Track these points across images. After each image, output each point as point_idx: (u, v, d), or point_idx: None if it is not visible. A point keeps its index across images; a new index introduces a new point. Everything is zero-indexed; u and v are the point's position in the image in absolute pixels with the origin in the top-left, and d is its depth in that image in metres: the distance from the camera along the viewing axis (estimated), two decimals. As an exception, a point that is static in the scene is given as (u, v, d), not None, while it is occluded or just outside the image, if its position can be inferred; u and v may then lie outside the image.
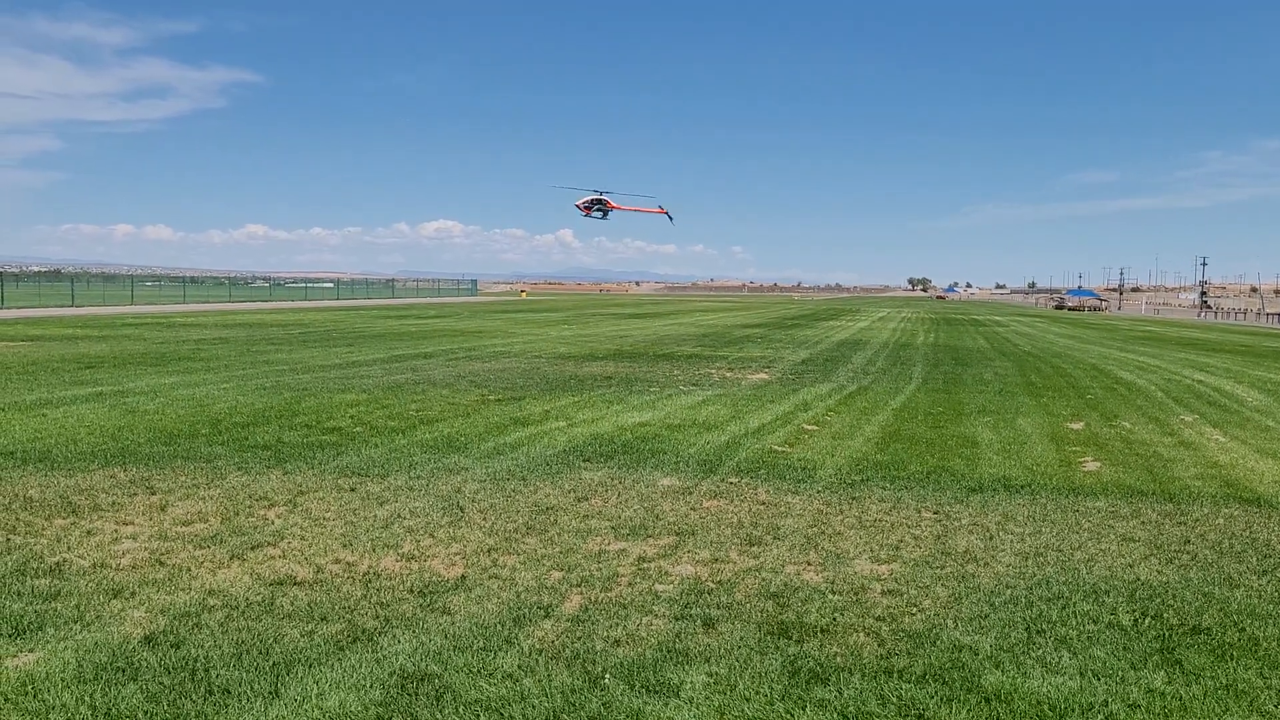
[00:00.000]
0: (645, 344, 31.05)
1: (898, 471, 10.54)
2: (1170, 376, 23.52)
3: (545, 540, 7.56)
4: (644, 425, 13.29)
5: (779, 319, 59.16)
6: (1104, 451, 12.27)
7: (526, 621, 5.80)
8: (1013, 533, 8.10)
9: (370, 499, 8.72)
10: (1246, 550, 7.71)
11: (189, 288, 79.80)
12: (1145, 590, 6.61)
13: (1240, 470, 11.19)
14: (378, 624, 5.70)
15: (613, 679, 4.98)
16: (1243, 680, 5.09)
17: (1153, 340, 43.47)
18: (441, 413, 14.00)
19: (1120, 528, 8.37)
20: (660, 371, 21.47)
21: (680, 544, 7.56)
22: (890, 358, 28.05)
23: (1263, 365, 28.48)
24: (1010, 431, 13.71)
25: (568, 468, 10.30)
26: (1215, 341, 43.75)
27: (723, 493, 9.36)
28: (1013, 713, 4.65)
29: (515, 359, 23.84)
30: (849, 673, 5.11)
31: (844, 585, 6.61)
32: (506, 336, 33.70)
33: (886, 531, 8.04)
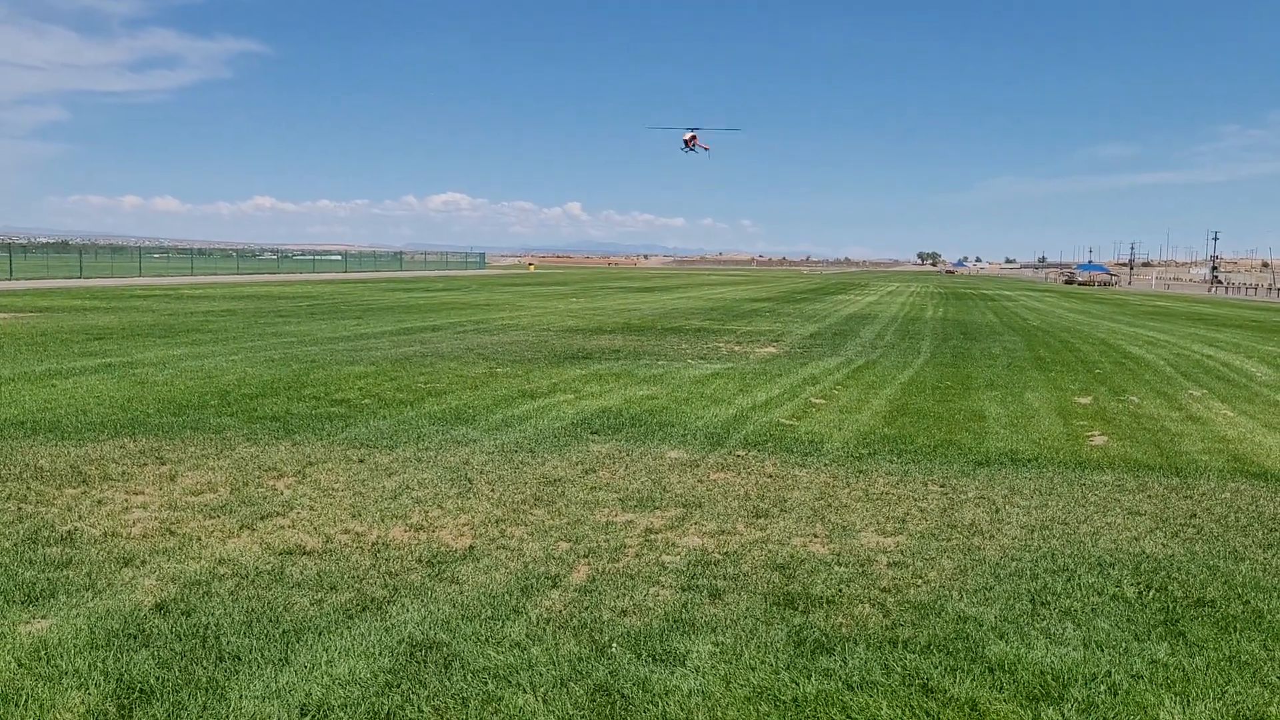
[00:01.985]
0: (653, 317, 31.04)
1: (905, 445, 10.55)
2: (1179, 351, 23.44)
3: (553, 511, 7.60)
4: (652, 398, 13.31)
5: (788, 293, 59.05)
6: (1111, 426, 12.26)
7: (534, 591, 5.84)
8: (1019, 506, 8.12)
9: (379, 470, 8.77)
10: (1252, 524, 7.71)
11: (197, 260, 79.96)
12: (1150, 563, 6.62)
13: (1248, 445, 11.18)
14: (386, 593, 5.74)
15: (619, 648, 5.02)
16: (1246, 652, 5.11)
17: (1162, 315, 43.29)
18: (449, 385, 14.04)
19: (1126, 501, 8.38)
20: (668, 345, 21.47)
21: (687, 516, 7.59)
22: (898, 332, 28.01)
23: (1272, 340, 28.37)
24: (1018, 406, 13.70)
25: (575, 440, 10.34)
26: (1225, 317, 43.56)
27: (730, 465, 9.39)
28: (1015, 682, 4.68)
29: (523, 332, 23.86)
30: (854, 643, 5.14)
31: (850, 557, 6.63)
32: (514, 310, 33.72)
33: (893, 504, 8.06)
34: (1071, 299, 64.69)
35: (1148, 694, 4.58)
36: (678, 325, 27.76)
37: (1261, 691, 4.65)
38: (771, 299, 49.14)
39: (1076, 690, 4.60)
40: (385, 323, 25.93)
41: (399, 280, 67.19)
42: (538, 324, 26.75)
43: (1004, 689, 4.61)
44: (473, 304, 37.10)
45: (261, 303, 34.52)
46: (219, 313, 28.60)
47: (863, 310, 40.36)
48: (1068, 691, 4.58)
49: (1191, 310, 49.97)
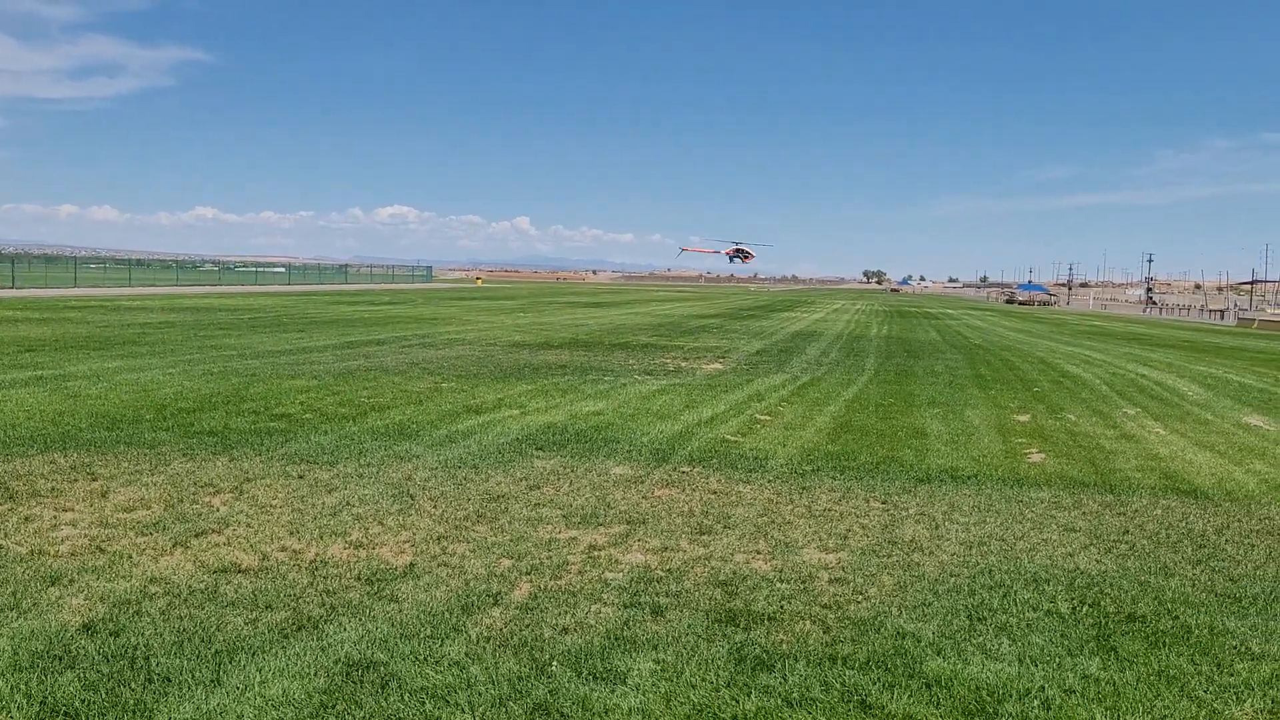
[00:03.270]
0: (601, 333, 31.04)
1: (848, 462, 10.65)
2: (1115, 370, 23.97)
3: (496, 528, 7.54)
4: (598, 414, 13.29)
5: (735, 309, 59.41)
6: (1049, 443, 12.49)
7: (475, 609, 5.78)
8: (958, 522, 8.23)
9: (319, 486, 8.64)
10: (1182, 540, 7.90)
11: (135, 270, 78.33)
12: (1084, 579, 6.75)
13: (1179, 463, 11.45)
14: (324, 612, 5.65)
15: (560, 666, 4.99)
16: (1174, 666, 5.22)
17: (1099, 335, 44.27)
18: (393, 400, 13.90)
19: (1062, 518, 8.53)
20: (615, 360, 21.48)
21: (631, 532, 7.58)
22: (844, 349, 28.31)
23: (1203, 360, 29.14)
24: (959, 423, 13.90)
25: (520, 456, 10.28)
26: (1159, 337, 44.67)
27: (675, 481, 9.40)
28: (952, 698, 4.73)
29: (469, 346, 23.72)
30: (794, 659, 5.16)
31: (792, 574, 6.67)
32: (461, 324, 33.51)
33: (835, 521, 8.13)
34: (1012, 318, 65.91)
35: (1079, 709, 4.66)
36: (625, 341, 27.79)
37: (1189, 705, 4.75)
38: (719, 315, 49.40)
39: (1011, 706, 4.66)
40: (329, 336, 25.61)
41: (344, 293, 66.44)
42: (484, 338, 26.60)
43: (940, 705, 4.66)
44: (419, 318, 36.79)
45: (201, 315, 33.91)
46: (157, 325, 28.03)
47: (809, 327, 40.74)
48: (1002, 707, 4.64)
49: (1127, 330, 51.17)
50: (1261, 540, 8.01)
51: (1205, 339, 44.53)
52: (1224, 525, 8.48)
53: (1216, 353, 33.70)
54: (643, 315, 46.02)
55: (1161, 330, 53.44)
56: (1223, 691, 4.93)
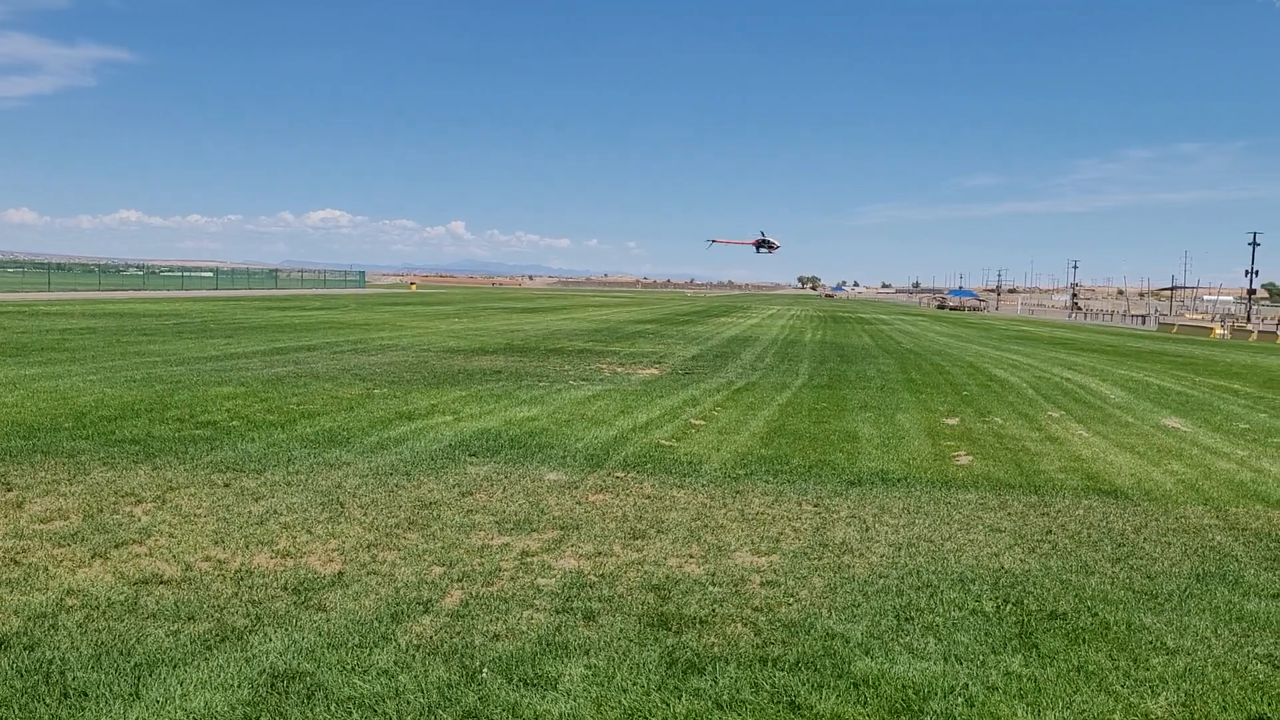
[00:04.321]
0: (536, 338, 30.92)
1: (781, 466, 10.74)
2: (1041, 374, 24.54)
3: (427, 535, 7.47)
4: (532, 420, 13.24)
5: (671, 315, 59.63)
6: (976, 446, 12.74)
7: (405, 617, 5.72)
8: (888, 524, 8.35)
9: (245, 495, 8.47)
10: (1102, 540, 8.11)
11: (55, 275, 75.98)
12: (1008, 578, 6.90)
13: (1100, 464, 11.76)
14: (248, 622, 5.54)
15: (490, 673, 4.96)
16: (1093, 662, 5.36)
17: (1026, 339, 45.30)
18: (324, 406, 13.68)
19: (988, 519, 8.71)
20: (551, 366, 21.41)
21: (564, 538, 7.56)
22: (778, 354, 28.57)
23: (1125, 364, 29.98)
24: (890, 427, 14.11)
25: (453, 462, 10.19)
26: (1083, 341, 45.86)
27: (609, 487, 9.40)
28: (879, 697, 4.80)
29: (403, 352, 23.46)
30: (725, 662, 5.19)
31: (724, 577, 6.71)
32: (394, 329, 33.12)
33: (768, 524, 8.19)
34: (943, 323, 67.14)
35: (1002, 705, 4.76)
36: (561, 346, 27.72)
37: (1106, 700, 4.88)
38: (655, 321, 49.54)
39: (936, 703, 4.74)
40: (257, 342, 25.13)
41: (274, 298, 65.27)
42: (418, 344, 26.33)
43: (868, 704, 4.73)
44: (351, 323, 36.29)
45: (124, 320, 33.04)
46: (77, 330, 27.24)
47: (744, 333, 41.03)
48: (927, 705, 4.72)
49: (1053, 335, 52.44)
50: (1177, 538, 8.26)
51: (1127, 343, 45.82)
52: (1142, 524, 8.73)
53: (1138, 357, 34.69)
54: (579, 321, 45.96)
55: (1086, 335, 54.87)
56: (1139, 686, 5.07)
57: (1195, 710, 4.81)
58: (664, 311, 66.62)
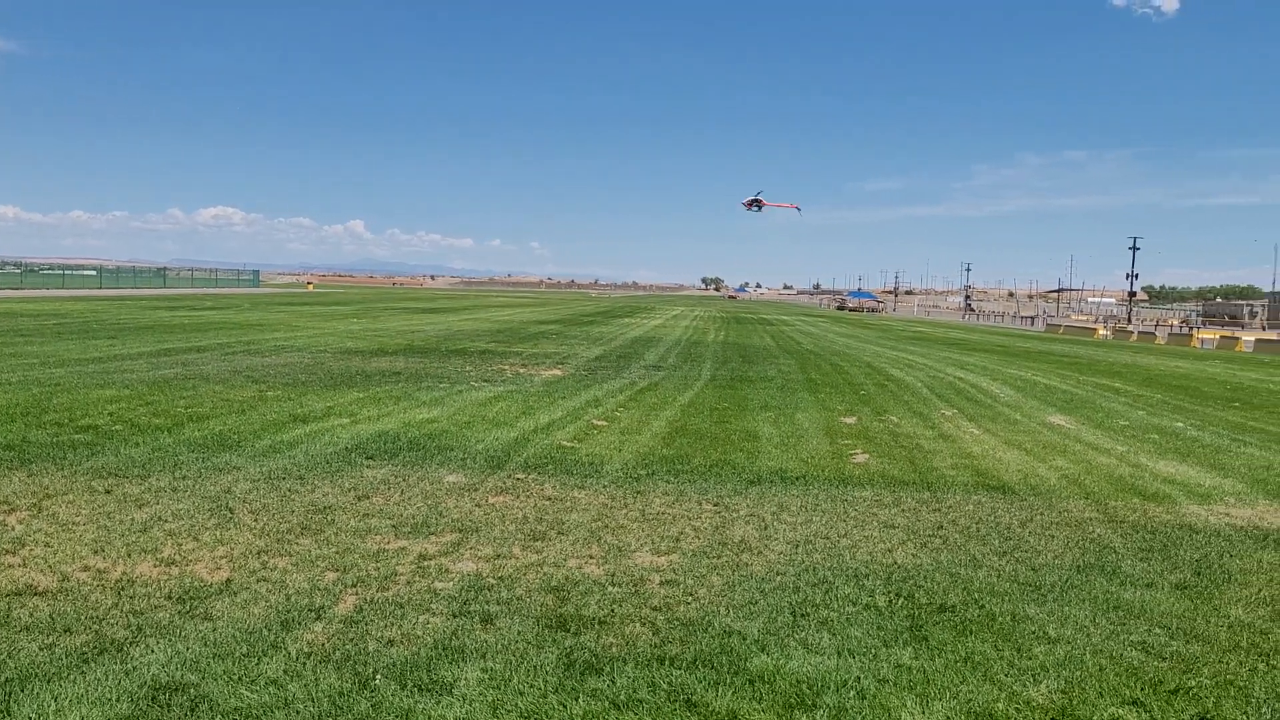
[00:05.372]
0: (437, 339, 30.52)
1: (682, 466, 10.81)
2: (935, 374, 25.23)
3: (321, 540, 7.29)
4: (432, 421, 13.05)
5: (575, 315, 59.52)
6: (873, 444, 13.02)
7: (295, 625, 5.57)
8: (786, 522, 8.47)
9: (128, 501, 8.14)
10: (990, 534, 8.37)
11: (-74, 273, 71.94)
12: (901, 573, 7.06)
13: (989, 460, 12.14)
14: (129, 634, 5.32)
15: (384, 679, 4.86)
16: (979, 653, 5.52)
17: (922, 340, 46.54)
18: (213, 409, 13.25)
19: (883, 515, 8.90)
20: (452, 367, 21.15)
21: (463, 541, 7.47)
22: (681, 355, 28.76)
23: (1015, 364, 31.03)
24: (789, 426, 14.33)
25: (349, 465, 9.98)
26: (976, 342, 47.34)
27: (509, 489, 9.32)
28: (774, 692, 4.86)
29: (298, 353, 22.89)
30: (623, 662, 5.19)
31: (624, 577, 6.71)
32: (290, 330, 32.31)
33: (668, 524, 8.23)
34: (842, 324, 68.53)
35: (892, 697, 4.86)
36: (462, 347, 27.41)
37: (991, 689, 5.03)
38: (559, 321, 49.39)
39: (829, 697, 4.82)
40: (144, 343, 24.22)
41: (162, 298, 63.01)
42: (314, 345, 25.72)
43: (763, 699, 4.78)
44: (244, 324, 35.26)
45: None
46: (-50, 331, 25.85)
47: (648, 333, 41.20)
48: (820, 699, 4.80)
49: (947, 336, 53.99)
50: (1060, 531, 8.58)
51: (1017, 344, 47.46)
52: (1028, 518, 9.04)
53: (1026, 356, 35.95)
54: (481, 321, 45.53)
55: (978, 336, 56.66)
56: (1021, 674, 5.25)
57: (1074, 696, 5.00)
58: (568, 312, 66.47)
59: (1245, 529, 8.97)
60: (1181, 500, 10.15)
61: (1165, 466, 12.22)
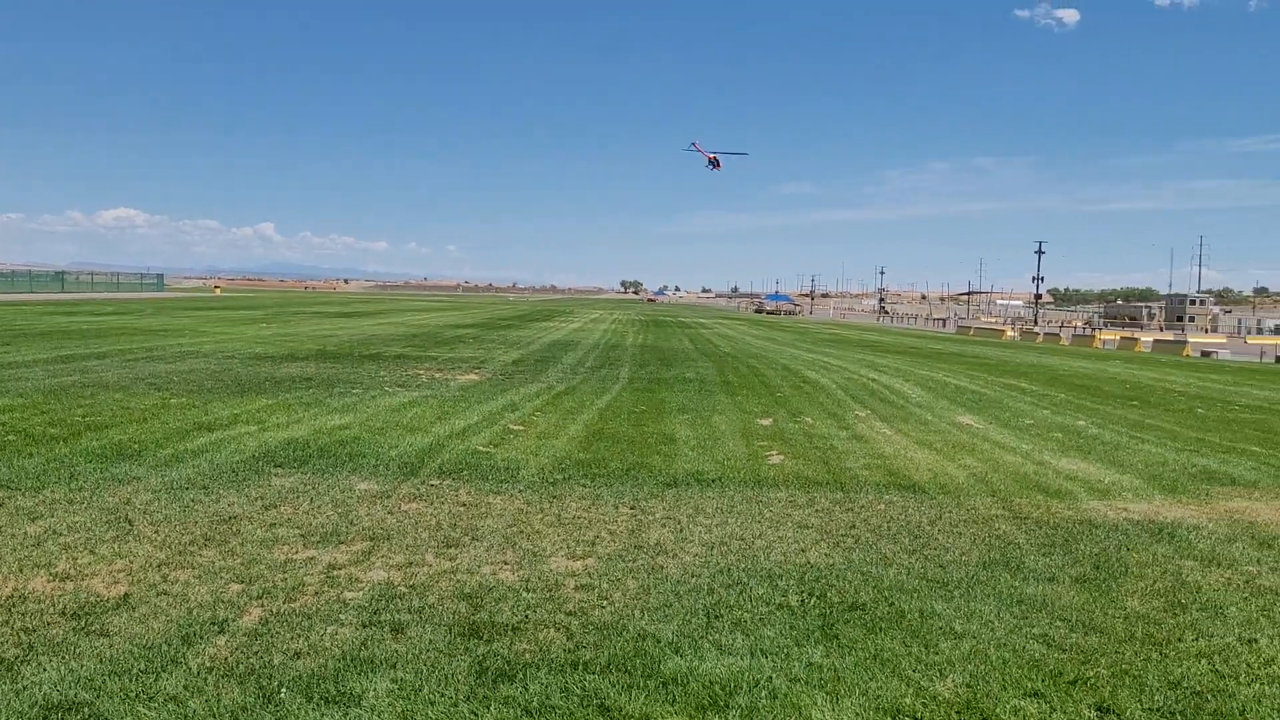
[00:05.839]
0: (351, 344, 29.99)
1: (599, 469, 10.79)
2: (850, 376, 25.66)
3: (225, 552, 7.09)
4: (343, 428, 12.81)
5: (493, 319, 59.07)
6: (788, 446, 13.18)
7: (197, 639, 5.40)
8: (702, 524, 8.51)
9: (20, 514, 7.81)
10: (901, 533, 8.53)
11: None
12: (814, 573, 7.15)
13: (901, 460, 12.38)
14: (20, 652, 5.10)
15: (290, 693, 4.74)
16: (888, 650, 5.62)
17: (837, 342, 47.30)
18: (113, 418, 12.80)
19: (797, 516, 9.01)
20: (365, 372, 20.80)
21: (374, 549, 7.34)
22: (600, 358, 28.74)
23: (926, 365, 31.73)
24: (706, 428, 14.41)
25: (256, 474, 9.73)
26: (889, 344, 48.30)
27: (423, 495, 9.19)
28: (687, 694, 4.87)
29: (205, 359, 22.26)
30: (536, 668, 5.15)
31: (539, 583, 6.66)
32: (196, 335, 31.42)
33: (584, 528, 8.20)
34: (760, 327, 69.30)
35: (803, 695, 4.92)
36: (376, 352, 26.98)
37: (899, 685, 5.12)
38: (476, 325, 48.96)
39: (741, 697, 4.85)
40: (39, 350, 23.30)
41: (60, 303, 60.72)
42: (222, 351, 25.05)
43: (676, 702, 4.79)
44: (147, 329, 34.18)
45: (-113, 326, 29.99)
46: None
47: (566, 337, 41.09)
48: (733, 699, 4.83)
49: (862, 338, 54.98)
50: (968, 529, 8.78)
51: (929, 345, 48.55)
52: (937, 516, 9.23)
53: (938, 358, 36.80)
54: (396, 326, 44.89)
55: (892, 338, 57.81)
56: (929, 669, 5.35)
57: (978, 690, 5.11)
58: (485, 316, 65.95)
59: (1141, 523, 9.30)
60: (1082, 496, 10.48)
61: (1067, 464, 12.61)
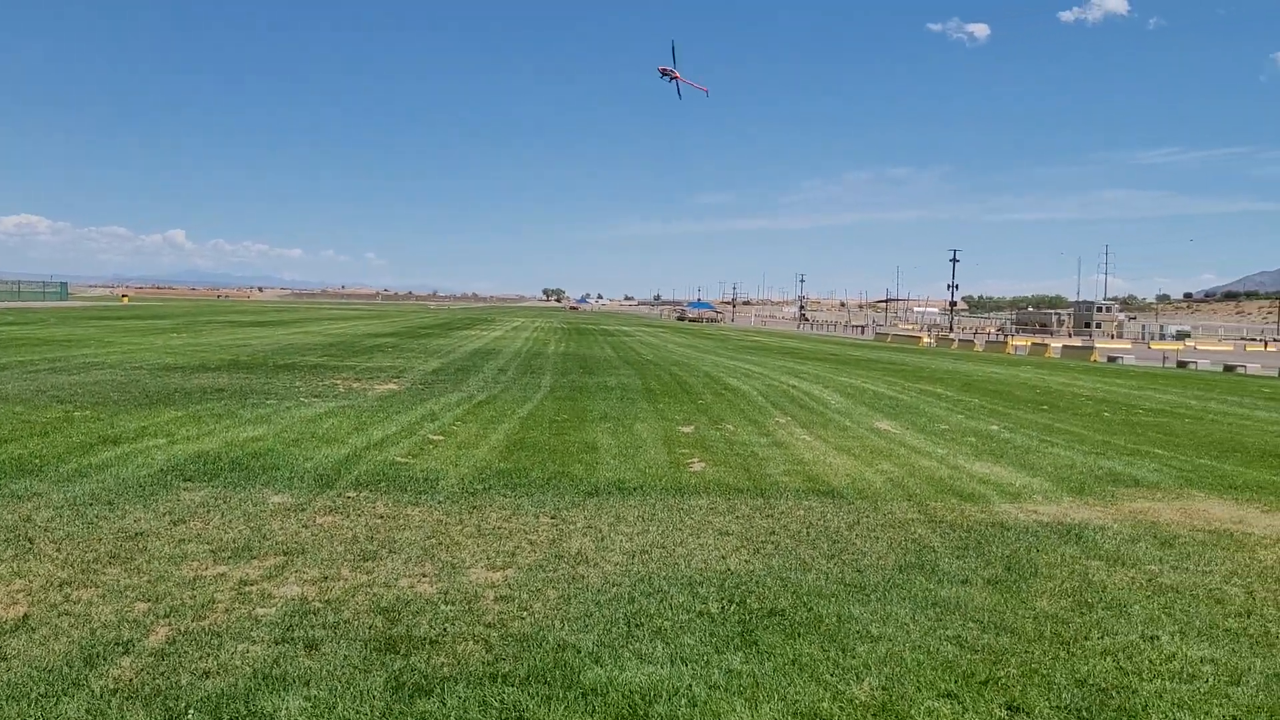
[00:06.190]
0: (265, 354, 29.33)
1: (520, 479, 10.72)
2: (770, 382, 25.93)
3: (131, 570, 6.86)
4: (257, 440, 12.51)
5: (412, 328, 58.34)
6: (709, 453, 13.25)
7: (101, 660, 5.21)
8: (623, 533, 8.50)
9: (-91, 534, 7.46)
10: (820, 538, 8.64)
11: None
12: (733, 579, 7.19)
13: (820, 466, 12.54)
14: (-94, 680, 4.86)
15: (197, 713, 4.60)
16: (806, 654, 5.68)
17: (759, 349, 47.80)
18: (12, 432, 12.31)
19: (718, 523, 9.06)
20: (280, 383, 20.35)
21: (288, 564, 7.17)
22: (521, 367, 28.58)
23: (845, 371, 32.24)
24: (628, 436, 14.42)
25: (165, 489, 9.44)
26: (809, 351, 48.96)
27: (339, 508, 9.02)
28: (607, 704, 4.85)
29: (111, 370, 21.55)
30: (454, 682, 5.08)
31: (458, 595, 6.59)
32: (102, 345, 30.39)
33: (504, 539, 8.13)
34: (682, 334, 69.66)
35: (722, 702, 4.94)
36: (292, 362, 26.43)
37: (817, 689, 5.18)
38: (395, 334, 48.30)
39: (660, 706, 4.85)
40: (-63, 361, 22.30)
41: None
42: (129, 361, 24.28)
43: (596, 713, 4.77)
44: (50, 339, 32.95)
45: None
46: None
47: (488, 345, 40.78)
48: (653, 708, 4.83)
49: (783, 345, 55.65)
50: (885, 533, 8.93)
51: (848, 352, 49.33)
52: (855, 521, 9.37)
53: (857, 364, 37.40)
54: (313, 335, 44.05)
55: (812, 345, 58.62)
56: (846, 673, 5.42)
57: (894, 692, 5.19)
58: (405, 324, 65.11)
59: (1051, 525, 9.57)
60: (995, 499, 10.74)
61: (980, 467, 12.92)
